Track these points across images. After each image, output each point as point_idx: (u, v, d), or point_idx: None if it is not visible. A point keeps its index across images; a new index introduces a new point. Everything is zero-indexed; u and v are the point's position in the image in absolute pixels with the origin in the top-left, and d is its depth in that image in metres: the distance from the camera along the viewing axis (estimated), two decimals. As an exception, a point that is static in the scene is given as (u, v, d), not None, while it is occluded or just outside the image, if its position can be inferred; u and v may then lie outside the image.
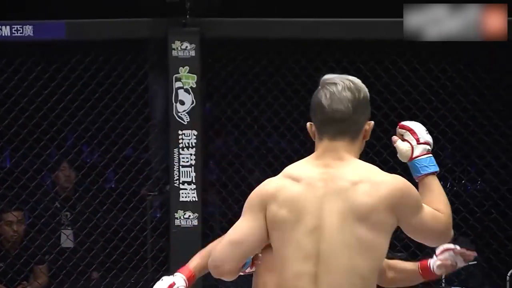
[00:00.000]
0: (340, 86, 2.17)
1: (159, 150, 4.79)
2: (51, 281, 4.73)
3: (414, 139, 2.33)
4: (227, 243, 2.22)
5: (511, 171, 4.67)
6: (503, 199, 4.64)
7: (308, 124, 2.24)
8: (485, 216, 4.59)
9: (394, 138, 2.39)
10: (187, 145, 4.61)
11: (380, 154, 4.59)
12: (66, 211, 4.93)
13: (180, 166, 4.61)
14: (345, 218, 2.12)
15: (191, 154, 4.61)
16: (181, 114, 4.61)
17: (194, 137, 4.61)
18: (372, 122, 2.22)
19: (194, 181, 4.60)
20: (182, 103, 4.61)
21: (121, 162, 4.78)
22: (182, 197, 4.60)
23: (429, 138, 2.35)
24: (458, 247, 2.79)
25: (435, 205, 2.24)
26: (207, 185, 4.85)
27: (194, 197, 4.61)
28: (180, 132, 4.61)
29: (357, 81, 2.21)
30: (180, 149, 4.61)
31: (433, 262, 2.80)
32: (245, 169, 4.93)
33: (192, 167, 4.61)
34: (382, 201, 2.13)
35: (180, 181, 4.61)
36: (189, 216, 4.60)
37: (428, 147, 2.33)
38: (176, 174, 4.61)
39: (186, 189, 4.61)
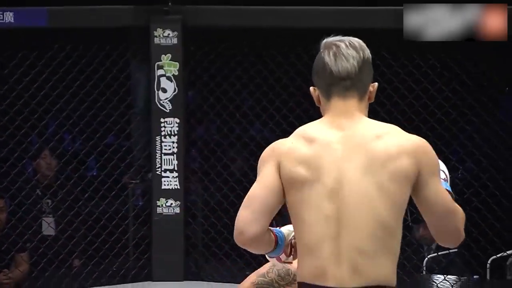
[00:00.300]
0: (344, 44, 2.12)
1: (141, 138, 4.77)
2: (32, 268, 4.72)
3: None
4: (243, 205, 2.15)
5: (492, 159, 4.70)
6: (484, 187, 4.66)
7: (311, 88, 2.19)
8: (466, 204, 4.61)
9: None
10: (169, 133, 4.60)
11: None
12: (47, 198, 4.90)
13: (162, 154, 4.60)
14: (365, 169, 2.07)
15: (173, 142, 4.61)
16: (163, 102, 4.60)
17: (176, 125, 4.61)
18: (376, 84, 2.19)
19: (176, 169, 4.60)
20: (164, 90, 4.60)
21: (102, 150, 4.76)
22: (164, 185, 4.60)
23: (444, 168, 2.34)
24: None
25: None
26: (189, 173, 4.84)
27: (176, 185, 4.61)
28: (162, 120, 4.60)
29: (360, 41, 2.17)
30: (162, 137, 4.60)
31: None
32: (227, 157, 4.93)
33: (174, 155, 4.61)
34: (404, 150, 2.08)
35: (162, 169, 4.60)
36: (171, 204, 4.60)
37: (443, 175, 2.29)
38: (158, 162, 4.60)
39: (168, 177, 4.60)
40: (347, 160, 2.09)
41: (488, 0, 4.31)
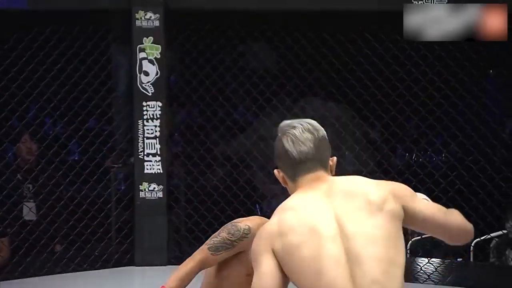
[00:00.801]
0: (300, 129, 2.25)
1: (123, 122, 4.74)
2: (14, 254, 4.68)
3: None
4: None
5: (475, 142, 4.70)
6: (467, 170, 4.67)
7: (275, 171, 2.28)
8: (450, 186, 4.62)
9: None
10: (151, 116, 4.57)
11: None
12: (28, 183, 4.87)
13: (145, 138, 4.57)
14: (364, 212, 2.16)
15: (155, 126, 4.57)
16: (146, 85, 4.56)
17: (159, 108, 4.57)
18: (335, 158, 2.29)
19: (159, 153, 4.57)
20: (146, 74, 4.56)
21: (84, 134, 4.72)
22: (147, 169, 4.57)
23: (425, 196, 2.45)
24: None
25: None
26: (172, 157, 4.81)
27: (159, 169, 4.58)
28: (144, 103, 4.56)
29: (314, 122, 2.30)
30: (145, 121, 4.56)
31: None
32: (210, 141, 4.91)
33: (157, 138, 4.57)
34: (388, 192, 2.20)
35: (145, 153, 4.57)
36: (154, 188, 4.57)
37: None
38: (140, 146, 4.56)
39: (150, 161, 4.57)
40: (339, 205, 2.17)
41: (488, 0, 4.31)
